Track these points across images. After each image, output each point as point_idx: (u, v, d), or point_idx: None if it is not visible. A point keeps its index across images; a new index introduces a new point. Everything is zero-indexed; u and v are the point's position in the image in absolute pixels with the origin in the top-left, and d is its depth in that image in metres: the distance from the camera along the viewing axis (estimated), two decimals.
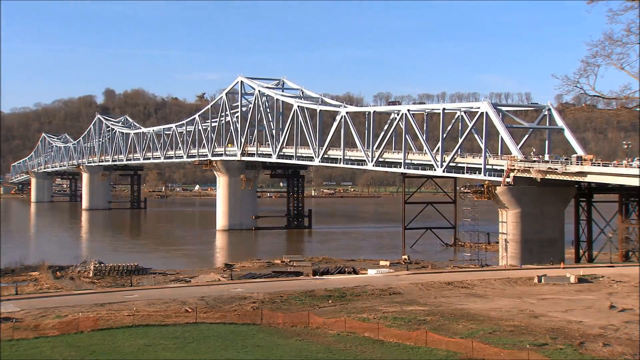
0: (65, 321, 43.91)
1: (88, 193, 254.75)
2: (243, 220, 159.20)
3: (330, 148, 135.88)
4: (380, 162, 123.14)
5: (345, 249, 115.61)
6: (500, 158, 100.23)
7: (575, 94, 32.92)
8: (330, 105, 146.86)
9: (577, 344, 39.36)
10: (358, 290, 59.26)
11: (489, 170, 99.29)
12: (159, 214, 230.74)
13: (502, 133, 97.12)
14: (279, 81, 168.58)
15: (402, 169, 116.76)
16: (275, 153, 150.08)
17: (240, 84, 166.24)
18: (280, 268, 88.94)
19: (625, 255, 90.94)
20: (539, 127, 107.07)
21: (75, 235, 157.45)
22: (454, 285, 62.95)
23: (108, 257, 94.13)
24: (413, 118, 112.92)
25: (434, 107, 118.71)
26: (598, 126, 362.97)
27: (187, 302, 52.77)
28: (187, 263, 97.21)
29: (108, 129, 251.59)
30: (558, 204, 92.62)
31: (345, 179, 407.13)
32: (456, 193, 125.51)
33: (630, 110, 34.48)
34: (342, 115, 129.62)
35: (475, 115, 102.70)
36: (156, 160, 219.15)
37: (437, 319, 46.78)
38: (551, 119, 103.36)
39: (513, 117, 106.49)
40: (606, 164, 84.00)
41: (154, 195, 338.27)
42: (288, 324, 44.61)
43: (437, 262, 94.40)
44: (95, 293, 60.84)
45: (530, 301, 54.46)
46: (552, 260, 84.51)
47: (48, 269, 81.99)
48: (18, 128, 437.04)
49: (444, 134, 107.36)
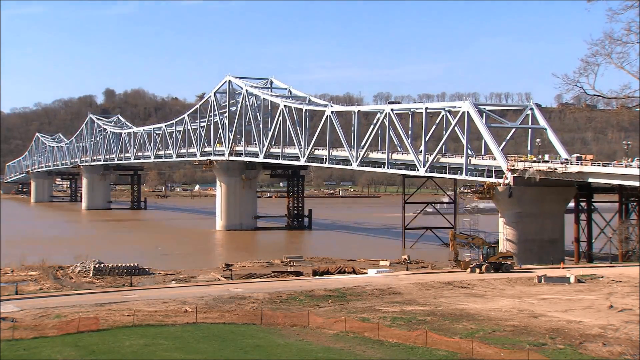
0: (65, 321, 43.92)
1: (88, 193, 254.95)
2: (243, 220, 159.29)
3: (317, 148, 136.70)
4: (365, 162, 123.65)
5: (345, 249, 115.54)
6: (482, 158, 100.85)
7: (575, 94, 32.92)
8: (317, 104, 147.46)
9: (576, 344, 39.38)
10: (358, 290, 59.29)
11: (470, 170, 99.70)
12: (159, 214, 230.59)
13: (484, 132, 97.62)
14: (267, 80, 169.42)
15: (385, 169, 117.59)
16: (262, 152, 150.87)
17: (228, 84, 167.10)
18: (280, 268, 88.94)
19: (625, 255, 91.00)
20: (521, 127, 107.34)
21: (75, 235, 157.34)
22: (453, 285, 62.99)
23: (108, 257, 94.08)
24: (397, 118, 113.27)
25: (417, 106, 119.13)
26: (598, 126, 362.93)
27: (187, 302, 52.81)
28: (187, 263, 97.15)
29: (100, 128, 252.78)
30: (558, 204, 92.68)
31: (345, 179, 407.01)
32: (456, 193, 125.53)
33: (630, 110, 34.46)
34: (328, 115, 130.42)
35: (458, 114, 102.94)
36: (147, 160, 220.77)
37: (437, 319, 46.80)
38: (534, 119, 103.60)
39: (495, 117, 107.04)
40: (606, 164, 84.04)
41: (153, 195, 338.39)
42: (288, 324, 44.62)
43: (437, 262, 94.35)
44: (95, 293, 60.89)
45: (530, 301, 54.48)
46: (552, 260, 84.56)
47: (48, 269, 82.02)
48: (18, 128, 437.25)
49: (427, 133, 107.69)
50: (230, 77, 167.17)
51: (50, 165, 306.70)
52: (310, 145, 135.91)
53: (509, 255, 77.02)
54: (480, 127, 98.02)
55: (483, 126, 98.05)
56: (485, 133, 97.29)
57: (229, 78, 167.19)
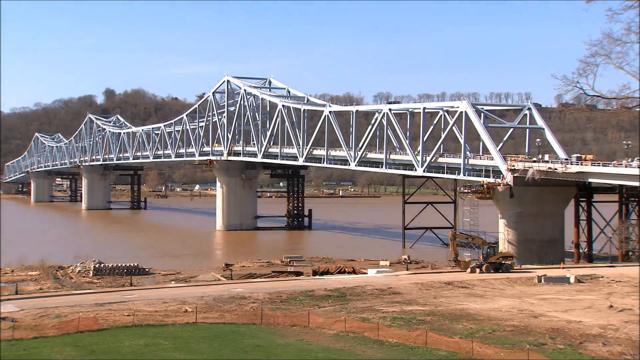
0: (65, 321, 43.92)
1: (87, 193, 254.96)
2: (243, 220, 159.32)
3: (315, 148, 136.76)
4: (364, 162, 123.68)
5: (345, 249, 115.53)
6: (480, 158, 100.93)
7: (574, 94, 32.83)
8: (315, 104, 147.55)
9: (576, 344, 39.37)
10: (358, 290, 59.30)
11: (468, 170, 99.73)
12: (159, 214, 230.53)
13: (481, 132, 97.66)
14: (265, 80, 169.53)
15: (383, 169, 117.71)
16: (260, 152, 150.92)
17: (226, 83, 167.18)
18: (280, 268, 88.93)
19: (625, 255, 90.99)
20: (519, 127, 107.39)
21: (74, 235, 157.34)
22: (453, 285, 63.00)
23: (108, 256, 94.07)
24: (395, 118, 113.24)
25: (415, 106, 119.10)
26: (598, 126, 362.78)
27: (187, 302, 52.81)
28: (187, 263, 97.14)
29: (99, 128, 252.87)
30: (558, 204, 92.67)
31: (345, 179, 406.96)
32: (456, 193, 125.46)
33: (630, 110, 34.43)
34: (326, 114, 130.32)
35: (456, 114, 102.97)
36: (145, 160, 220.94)
37: (436, 319, 46.80)
38: (532, 119, 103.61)
39: (494, 117, 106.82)
40: (606, 164, 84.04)
41: (153, 195, 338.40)
42: (288, 324, 44.62)
43: (437, 262, 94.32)
44: (95, 293, 60.90)
45: (530, 301, 54.50)
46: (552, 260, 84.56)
47: (48, 269, 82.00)
48: (18, 128, 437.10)
49: (425, 133, 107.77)
50: (229, 77, 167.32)
51: (49, 165, 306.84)
52: (308, 145, 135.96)
53: (509, 255, 77.03)
54: (478, 127, 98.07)
55: (481, 126, 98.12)
56: (482, 133, 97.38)
57: (227, 78, 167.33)
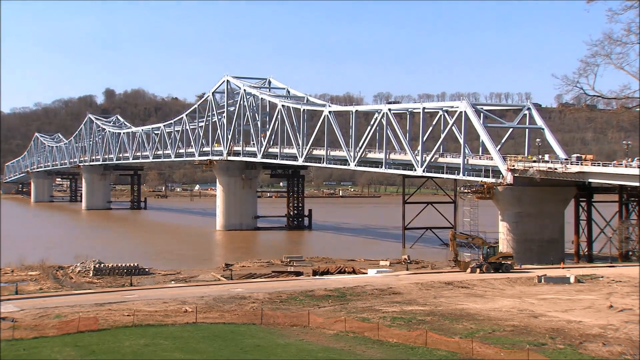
0: (65, 321, 43.91)
1: (87, 193, 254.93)
2: (243, 220, 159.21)
3: (315, 148, 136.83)
4: (363, 162, 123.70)
5: (345, 249, 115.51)
6: (480, 158, 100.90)
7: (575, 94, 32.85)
8: (315, 104, 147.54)
9: (576, 344, 39.38)
10: (358, 290, 59.31)
11: (468, 170, 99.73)
12: (159, 214, 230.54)
13: (480, 132, 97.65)
14: (265, 80, 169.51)
15: (382, 169, 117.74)
16: (260, 152, 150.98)
17: (226, 83, 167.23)
18: (280, 268, 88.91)
19: (625, 255, 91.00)
20: (518, 127, 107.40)
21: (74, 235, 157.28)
22: (453, 285, 63.01)
23: (108, 257, 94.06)
24: (395, 118, 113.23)
25: (415, 106, 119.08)
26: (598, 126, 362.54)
27: (187, 302, 52.82)
28: (187, 263, 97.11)
29: (99, 128, 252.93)
30: (558, 204, 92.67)
31: (345, 179, 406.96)
32: (456, 193, 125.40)
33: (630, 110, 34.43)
34: (326, 114, 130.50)
35: (455, 114, 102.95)
36: (145, 160, 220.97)
37: (436, 319, 46.81)
38: (531, 119, 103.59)
39: (493, 117, 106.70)
40: (606, 164, 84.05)
41: (153, 195, 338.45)
42: (288, 324, 44.62)
43: (437, 262, 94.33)
44: (95, 293, 60.91)
45: (530, 301, 54.51)
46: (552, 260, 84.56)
47: (48, 269, 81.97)
48: (18, 128, 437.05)
49: (424, 133, 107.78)
50: (229, 77, 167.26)
51: (49, 165, 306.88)
52: (308, 145, 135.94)
53: (509, 255, 77.03)
54: (477, 126, 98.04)
55: (480, 126, 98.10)
56: (482, 133, 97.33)
57: (227, 78, 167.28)
